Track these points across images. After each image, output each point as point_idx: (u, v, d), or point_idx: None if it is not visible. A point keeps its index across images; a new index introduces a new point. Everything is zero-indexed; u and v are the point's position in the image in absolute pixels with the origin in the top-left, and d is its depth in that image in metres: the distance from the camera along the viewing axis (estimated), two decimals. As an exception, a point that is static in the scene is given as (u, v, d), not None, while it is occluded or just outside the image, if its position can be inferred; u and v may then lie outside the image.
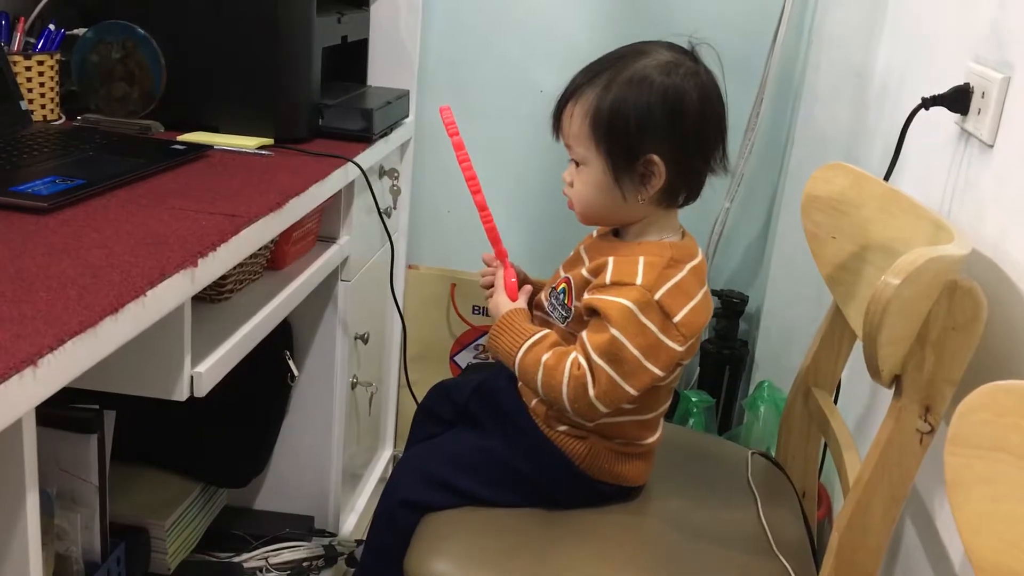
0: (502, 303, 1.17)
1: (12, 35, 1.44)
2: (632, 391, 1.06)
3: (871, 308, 0.87)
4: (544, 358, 1.08)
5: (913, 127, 1.21)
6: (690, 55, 1.09)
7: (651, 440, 1.17)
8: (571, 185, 1.13)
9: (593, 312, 1.07)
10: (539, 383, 1.09)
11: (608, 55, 1.11)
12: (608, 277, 1.07)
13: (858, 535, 0.97)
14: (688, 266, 1.09)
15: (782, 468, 1.32)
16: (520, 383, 1.19)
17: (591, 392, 1.05)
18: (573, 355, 1.07)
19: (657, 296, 1.05)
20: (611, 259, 1.09)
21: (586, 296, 1.09)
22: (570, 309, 1.13)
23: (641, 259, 1.07)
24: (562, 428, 1.15)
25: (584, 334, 1.07)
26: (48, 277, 0.84)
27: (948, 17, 1.30)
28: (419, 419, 1.37)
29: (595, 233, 1.20)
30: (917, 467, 0.94)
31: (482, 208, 1.18)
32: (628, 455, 1.16)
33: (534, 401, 1.17)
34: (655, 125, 1.05)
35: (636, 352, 1.04)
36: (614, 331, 1.04)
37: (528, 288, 1.21)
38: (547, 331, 1.12)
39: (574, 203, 1.14)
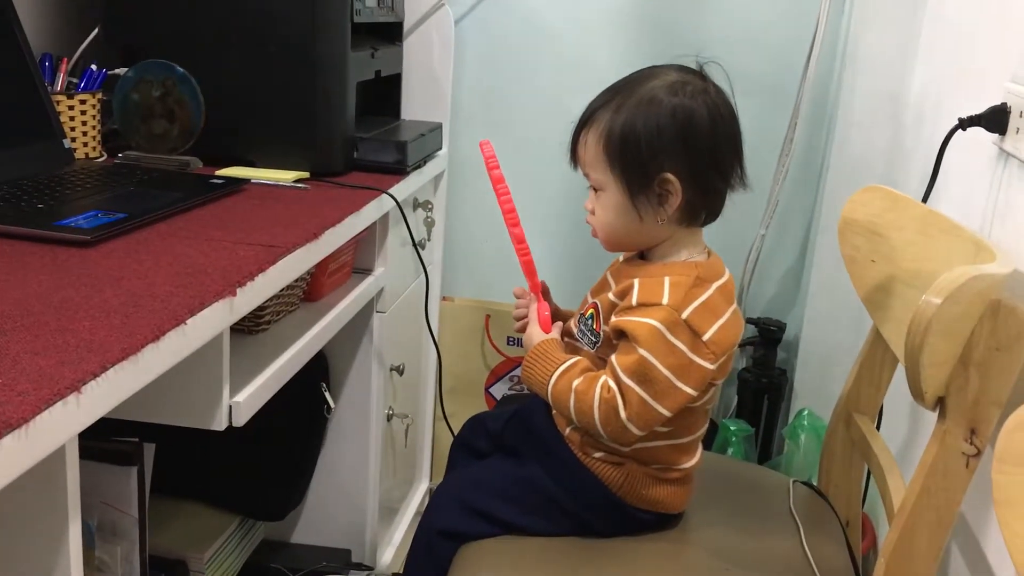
0: (535, 335, 1.17)
1: (56, 75, 1.47)
2: (665, 412, 1.05)
3: (913, 328, 0.86)
4: (575, 383, 1.08)
5: (950, 148, 1.20)
6: (699, 74, 1.09)
7: (689, 464, 1.16)
8: (593, 213, 1.13)
9: (621, 334, 1.07)
10: (571, 409, 1.08)
11: (618, 82, 1.12)
12: (634, 299, 1.07)
13: (905, 562, 0.95)
14: (715, 285, 1.08)
15: (825, 496, 1.30)
16: (554, 411, 1.18)
17: (622, 414, 1.04)
18: (603, 379, 1.06)
19: (684, 315, 1.04)
20: (637, 280, 1.09)
21: (613, 319, 1.08)
22: (599, 334, 1.12)
23: (667, 279, 1.07)
24: (598, 455, 1.14)
25: (613, 357, 1.07)
26: (91, 307, 0.85)
27: (983, 38, 1.29)
28: (455, 453, 1.36)
29: (621, 257, 1.20)
30: (964, 491, 0.92)
31: (519, 242, 1.18)
32: (666, 480, 1.15)
33: (568, 428, 1.17)
34: (666, 144, 1.05)
35: (667, 372, 1.03)
36: (642, 351, 1.03)
37: (559, 324, 1.20)
38: (578, 358, 1.12)
39: (597, 230, 1.14)
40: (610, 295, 1.11)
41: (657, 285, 1.06)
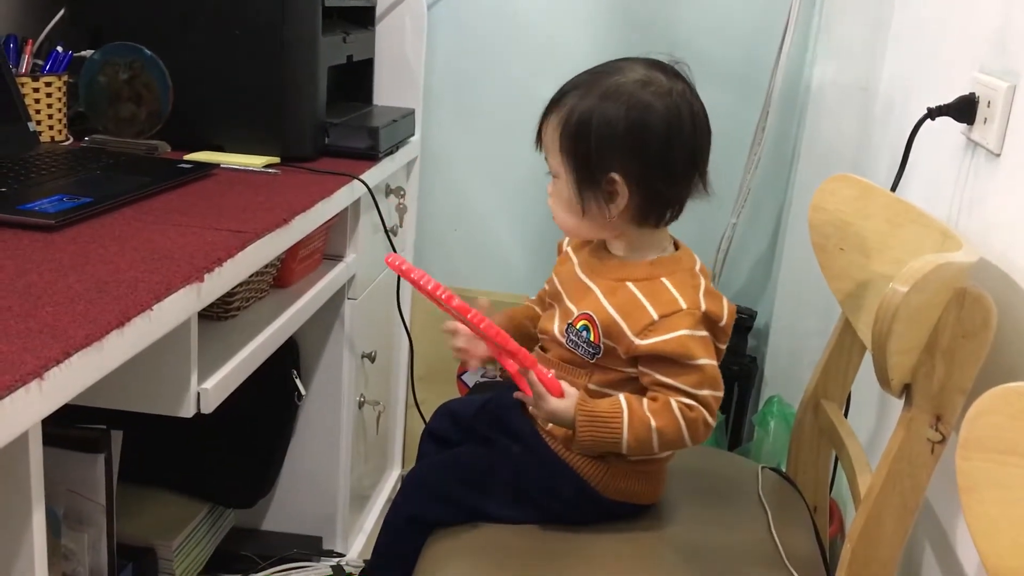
0: (559, 406, 1.08)
1: (20, 57, 1.45)
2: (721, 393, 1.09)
3: (880, 316, 0.86)
4: (654, 426, 1.05)
5: (919, 138, 1.21)
6: (670, 72, 1.06)
7: (665, 455, 1.16)
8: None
9: (662, 358, 1.05)
10: (657, 447, 1.07)
11: (590, 69, 1.09)
12: (653, 312, 1.05)
13: (871, 547, 0.96)
14: (696, 270, 1.10)
15: (793, 483, 1.31)
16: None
17: (710, 419, 1.06)
18: (674, 403, 1.05)
19: (703, 308, 1.06)
20: (632, 288, 1.07)
21: (638, 342, 1.05)
22: (598, 346, 1.09)
23: (665, 280, 1.06)
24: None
25: (674, 381, 1.05)
26: (55, 292, 0.84)
27: (952, 28, 1.30)
28: (425, 441, 1.35)
29: (583, 253, 1.17)
30: (929, 477, 0.93)
31: (483, 332, 1.08)
32: (642, 472, 1.15)
33: (550, 424, 1.15)
34: (617, 144, 1.03)
35: (713, 362, 1.07)
36: (700, 361, 1.05)
37: (569, 385, 1.12)
38: (623, 397, 1.07)
39: (554, 216, 1.13)
40: (612, 312, 1.07)
41: (662, 290, 1.06)
